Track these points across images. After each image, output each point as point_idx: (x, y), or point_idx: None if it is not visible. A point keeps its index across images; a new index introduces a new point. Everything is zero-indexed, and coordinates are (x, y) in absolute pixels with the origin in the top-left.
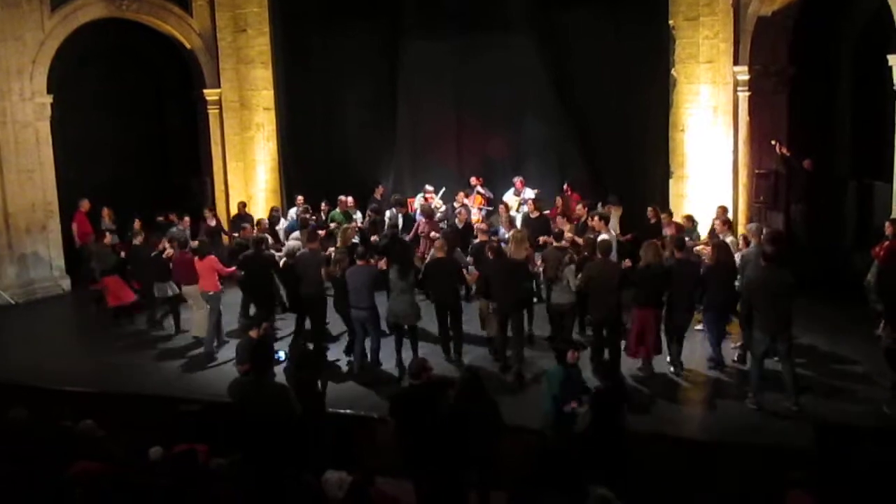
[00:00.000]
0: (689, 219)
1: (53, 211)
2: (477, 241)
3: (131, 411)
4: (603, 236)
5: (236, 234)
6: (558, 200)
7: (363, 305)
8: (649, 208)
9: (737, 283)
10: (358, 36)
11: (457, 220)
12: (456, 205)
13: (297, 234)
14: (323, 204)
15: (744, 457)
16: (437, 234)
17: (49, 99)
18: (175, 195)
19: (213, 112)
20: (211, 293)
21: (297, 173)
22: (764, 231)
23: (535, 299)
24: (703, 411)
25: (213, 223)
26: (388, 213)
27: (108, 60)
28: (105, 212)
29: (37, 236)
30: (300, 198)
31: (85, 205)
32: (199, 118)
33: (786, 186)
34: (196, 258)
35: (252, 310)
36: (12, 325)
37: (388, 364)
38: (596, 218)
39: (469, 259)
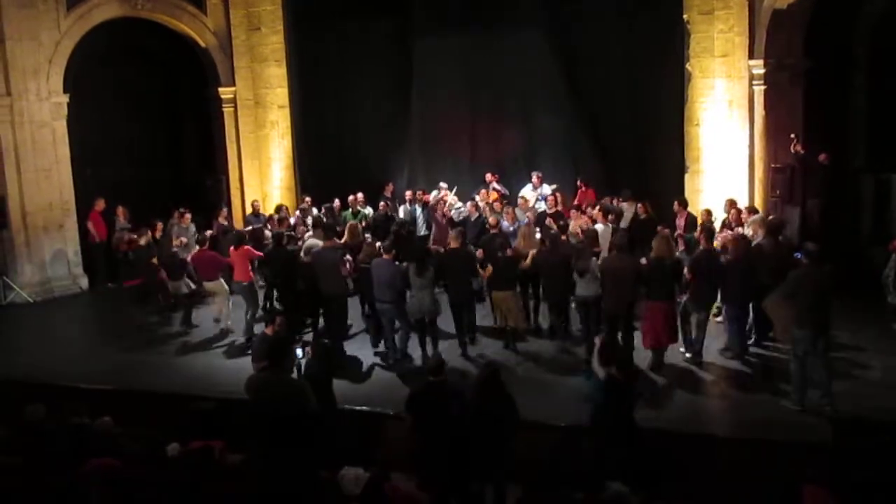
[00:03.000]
0: (709, 213)
1: (70, 210)
2: (488, 234)
3: (148, 408)
4: (600, 227)
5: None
6: (557, 196)
7: (386, 299)
8: (638, 205)
9: None
10: (371, 33)
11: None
12: (479, 201)
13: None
14: (336, 202)
15: (760, 452)
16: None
17: (65, 98)
18: (190, 193)
19: (227, 110)
20: (245, 283)
21: (311, 171)
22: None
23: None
24: (717, 406)
25: (225, 223)
26: (401, 209)
27: (123, 60)
28: (120, 210)
29: (54, 235)
30: (308, 199)
31: (100, 204)
32: (214, 116)
33: (802, 181)
34: (231, 248)
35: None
36: (30, 323)
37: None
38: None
39: (478, 252)
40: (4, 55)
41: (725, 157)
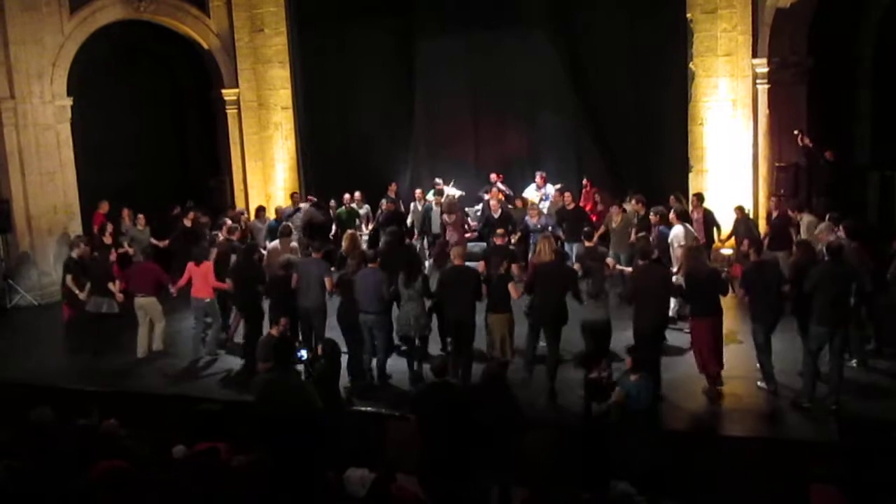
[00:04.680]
0: (742, 210)
1: (75, 213)
2: (491, 247)
3: (153, 411)
4: (679, 229)
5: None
6: (596, 197)
7: (371, 310)
8: (671, 197)
9: None
10: (374, 33)
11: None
12: (487, 197)
13: (275, 242)
14: (332, 202)
15: (768, 451)
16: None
17: (69, 101)
18: (195, 195)
19: (231, 112)
20: (207, 300)
21: (315, 171)
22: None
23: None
24: (723, 403)
25: (189, 224)
26: (412, 206)
27: (126, 62)
28: (125, 212)
29: (59, 238)
30: (297, 196)
31: (104, 206)
32: (218, 118)
33: (807, 179)
34: (192, 263)
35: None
36: (35, 326)
37: (398, 378)
38: (672, 213)
39: (480, 265)
40: (8, 59)
41: (729, 157)
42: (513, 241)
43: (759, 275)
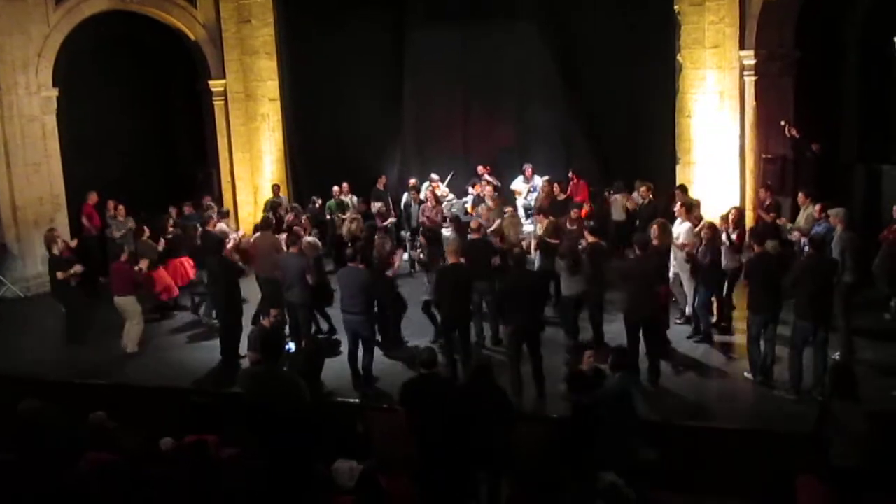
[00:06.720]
0: (739, 211)
1: (61, 204)
2: (470, 238)
3: (141, 403)
4: (686, 225)
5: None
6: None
7: (355, 311)
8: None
9: None
10: (363, 24)
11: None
12: (472, 190)
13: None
14: (314, 197)
15: (754, 442)
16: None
17: (55, 92)
18: (182, 187)
19: (218, 103)
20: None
21: (303, 164)
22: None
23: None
24: (711, 396)
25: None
26: (404, 197)
27: (113, 53)
28: (111, 204)
29: (45, 229)
30: (278, 187)
31: (93, 197)
32: (205, 109)
33: (793, 171)
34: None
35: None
36: (22, 318)
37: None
38: (679, 205)
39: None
40: None
41: (717, 149)
42: None
43: (759, 266)
